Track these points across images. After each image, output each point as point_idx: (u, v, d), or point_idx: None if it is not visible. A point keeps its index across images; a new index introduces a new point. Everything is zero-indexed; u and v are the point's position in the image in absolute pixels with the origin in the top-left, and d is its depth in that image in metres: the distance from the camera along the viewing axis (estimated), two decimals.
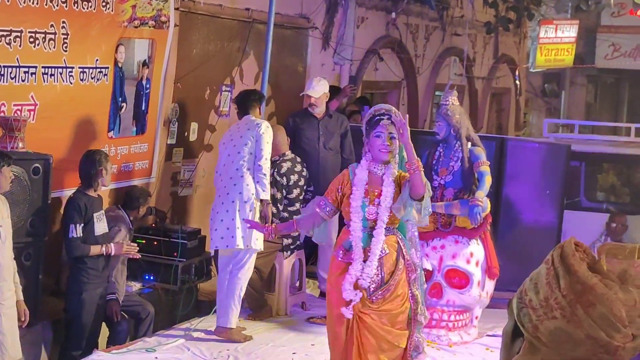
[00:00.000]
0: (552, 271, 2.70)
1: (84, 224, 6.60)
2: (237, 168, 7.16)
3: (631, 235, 10.50)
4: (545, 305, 2.70)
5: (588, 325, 2.64)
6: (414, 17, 13.52)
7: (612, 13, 19.64)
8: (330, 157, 8.36)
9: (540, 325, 2.69)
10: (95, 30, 7.19)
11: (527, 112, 20.50)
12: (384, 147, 5.37)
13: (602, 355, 2.67)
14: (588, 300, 2.65)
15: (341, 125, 8.48)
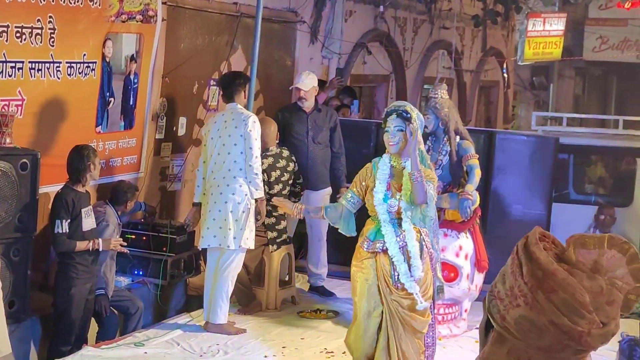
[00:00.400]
0: (516, 260, 2.72)
1: (71, 220, 6.58)
2: (229, 169, 7.13)
3: (619, 227, 10.54)
4: (510, 294, 2.71)
5: (550, 311, 2.65)
6: (402, 11, 13.53)
7: (600, 6, 19.69)
8: (319, 151, 8.35)
9: (507, 315, 2.71)
10: (82, 24, 7.16)
11: (515, 105, 20.53)
12: (391, 140, 5.70)
13: (567, 342, 2.67)
14: (549, 286, 2.66)
15: (330, 119, 8.47)
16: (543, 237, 2.77)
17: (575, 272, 2.70)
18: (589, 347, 2.68)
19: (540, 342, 2.69)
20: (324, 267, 8.56)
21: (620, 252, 2.84)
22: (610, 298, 2.70)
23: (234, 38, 9.30)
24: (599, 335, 2.67)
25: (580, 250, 2.84)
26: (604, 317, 2.68)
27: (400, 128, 5.68)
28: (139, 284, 7.82)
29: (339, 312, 7.90)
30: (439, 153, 7.42)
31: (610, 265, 2.84)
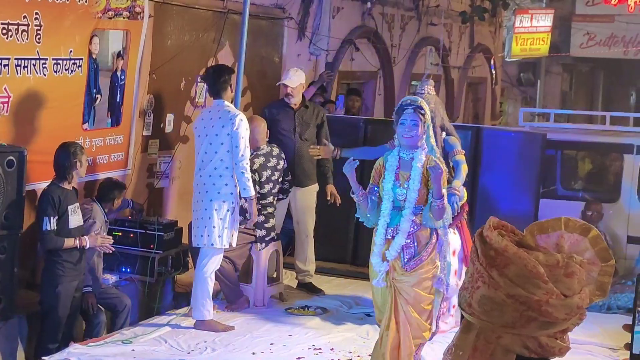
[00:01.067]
0: (473, 247, 2.77)
1: (58, 217, 6.56)
2: (215, 167, 7.12)
3: (607, 223, 10.57)
4: (471, 279, 2.76)
5: (505, 284, 2.69)
6: (389, 7, 13.53)
7: (587, 2, 19.74)
8: (306, 148, 8.34)
9: (472, 300, 2.75)
10: (68, 21, 7.14)
11: (503, 101, 20.57)
12: (407, 133, 5.87)
13: (528, 313, 2.70)
14: (501, 261, 2.71)
15: (317, 115, 8.47)
16: (501, 226, 2.81)
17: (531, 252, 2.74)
18: (552, 317, 2.69)
19: (503, 318, 2.72)
20: (312, 264, 8.56)
21: (581, 235, 2.88)
22: (569, 270, 2.74)
23: (221, 35, 9.29)
24: (561, 306, 2.70)
25: (540, 235, 2.88)
26: (564, 289, 2.71)
27: (416, 122, 5.87)
28: (127, 281, 7.80)
29: (327, 309, 7.90)
30: None
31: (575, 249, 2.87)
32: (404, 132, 5.90)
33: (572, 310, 2.69)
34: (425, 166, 5.86)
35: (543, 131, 10.25)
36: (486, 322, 2.70)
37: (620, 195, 10.83)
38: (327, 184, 8.42)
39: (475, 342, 2.75)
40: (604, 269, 2.89)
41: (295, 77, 8.29)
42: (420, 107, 5.95)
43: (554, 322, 2.69)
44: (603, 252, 2.89)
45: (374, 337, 7.22)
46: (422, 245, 5.93)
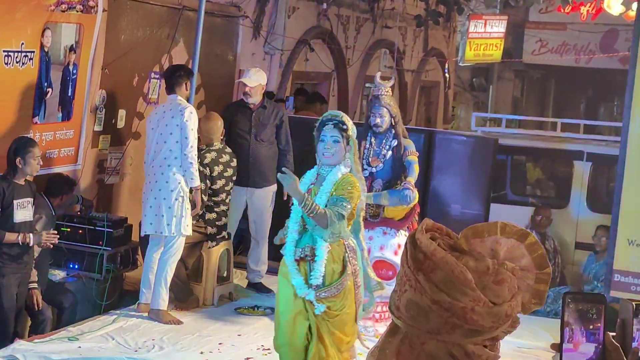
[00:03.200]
0: (404, 249, 2.75)
1: (1, 210, 6.44)
2: (164, 157, 7.29)
3: (555, 229, 10.68)
4: (400, 282, 2.75)
5: (430, 289, 2.68)
6: (345, 9, 13.54)
7: (540, 9, 19.90)
8: (261, 149, 8.30)
9: (399, 304, 2.74)
10: (20, 13, 7.03)
11: (455, 105, 20.70)
12: (327, 152, 5.47)
13: (452, 320, 2.68)
14: (428, 266, 2.70)
15: (276, 116, 8.40)
16: (435, 229, 2.80)
17: (461, 257, 2.73)
18: (478, 325, 2.67)
19: (428, 324, 2.71)
20: (263, 264, 8.54)
21: (518, 241, 2.87)
22: (498, 277, 2.73)
23: (176, 31, 9.22)
24: (487, 314, 2.67)
25: (475, 239, 2.86)
26: (493, 297, 2.69)
27: (337, 139, 5.46)
28: (74, 278, 7.71)
29: None
30: (382, 148, 7.43)
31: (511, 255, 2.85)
32: (324, 150, 5.49)
33: (500, 319, 2.66)
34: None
35: (495, 136, 10.34)
36: (412, 326, 2.68)
37: (570, 202, 10.95)
38: None
39: (399, 347, 2.72)
40: (540, 277, 2.87)
41: (254, 77, 8.26)
42: (342, 122, 5.50)
43: (480, 330, 2.66)
44: (540, 259, 2.87)
45: None
46: (331, 273, 5.32)
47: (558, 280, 10.46)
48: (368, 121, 7.53)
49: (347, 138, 5.48)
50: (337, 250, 5.35)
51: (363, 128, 7.61)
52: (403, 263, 2.76)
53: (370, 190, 7.37)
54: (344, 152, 5.47)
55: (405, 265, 2.74)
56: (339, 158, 5.47)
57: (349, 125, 5.51)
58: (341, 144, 5.46)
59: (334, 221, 5.20)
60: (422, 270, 2.69)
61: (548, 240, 10.59)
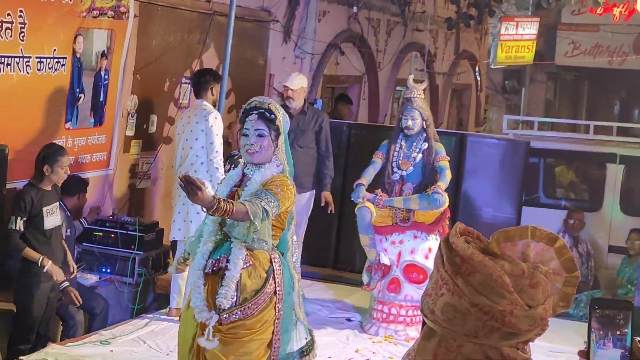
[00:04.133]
0: (439, 253, 2.75)
1: (29, 218, 6.41)
2: (191, 163, 7.38)
3: (588, 232, 10.59)
4: (436, 286, 2.74)
5: (469, 292, 2.68)
6: (375, 12, 13.54)
7: (573, 11, 19.80)
8: (300, 155, 8.29)
9: (435, 307, 2.74)
10: (53, 19, 7.10)
11: (487, 108, 20.62)
12: (250, 147, 4.58)
13: (491, 323, 2.69)
14: (467, 269, 2.69)
15: (316, 121, 8.38)
16: (467, 232, 2.79)
17: (496, 260, 2.73)
18: (515, 328, 2.68)
19: (465, 327, 2.71)
20: (296, 269, 8.53)
21: (548, 245, 2.88)
22: (534, 280, 2.73)
23: (207, 36, 9.26)
24: (524, 317, 2.68)
25: (506, 243, 2.87)
26: (528, 300, 2.70)
27: (262, 132, 4.56)
28: (106, 282, 7.76)
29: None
30: (412, 151, 7.41)
31: (540, 259, 2.87)
32: (247, 145, 4.57)
33: (536, 322, 2.68)
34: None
35: (527, 139, 10.28)
36: (448, 330, 2.69)
37: (603, 205, 10.85)
38: (323, 190, 8.36)
39: (436, 350, 2.74)
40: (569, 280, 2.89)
41: (296, 80, 8.28)
42: (269, 110, 4.59)
43: (517, 332, 2.68)
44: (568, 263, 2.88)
45: (354, 341, 7.23)
46: (250, 290, 4.46)
47: (591, 284, 10.37)
48: (399, 124, 7.52)
49: (275, 130, 4.60)
50: (261, 261, 4.51)
51: (394, 131, 7.61)
52: (439, 267, 2.76)
53: (400, 194, 7.36)
54: (272, 148, 4.61)
55: (441, 269, 2.74)
56: (267, 155, 4.60)
57: (278, 114, 4.61)
58: (268, 138, 4.56)
59: (257, 212, 4.25)
60: (460, 273, 2.69)
61: (581, 243, 10.50)
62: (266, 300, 4.47)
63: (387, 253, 7.40)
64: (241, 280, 4.42)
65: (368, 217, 7.31)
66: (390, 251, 7.40)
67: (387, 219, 7.40)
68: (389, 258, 7.40)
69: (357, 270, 8.49)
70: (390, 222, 7.39)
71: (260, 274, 4.49)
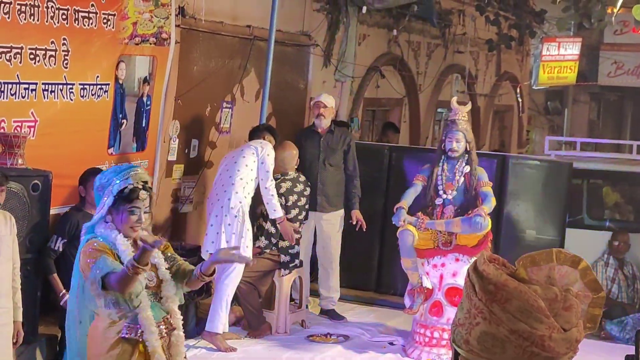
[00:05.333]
0: (469, 282, 2.73)
1: (68, 240, 6.51)
2: (230, 176, 7.44)
3: (634, 254, 10.46)
4: (469, 316, 2.72)
5: (507, 320, 2.65)
6: (415, 35, 13.54)
7: (615, 31, 19.65)
8: (329, 174, 8.36)
9: (470, 337, 2.71)
10: (95, 47, 7.19)
11: (530, 129, 20.49)
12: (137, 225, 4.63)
13: (531, 349, 2.66)
14: (502, 296, 2.67)
15: (344, 141, 8.48)
16: (492, 259, 2.78)
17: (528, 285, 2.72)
18: (554, 353, 2.66)
19: (504, 355, 2.69)
20: (335, 292, 8.53)
21: (571, 267, 2.87)
22: (567, 304, 2.71)
23: (247, 61, 9.32)
24: (562, 340, 2.67)
25: (532, 268, 2.86)
26: (563, 323, 2.69)
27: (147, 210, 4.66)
28: None
29: (349, 337, 7.85)
30: (455, 174, 7.37)
31: (565, 281, 2.86)
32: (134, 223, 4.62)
33: (572, 344, 2.67)
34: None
35: (569, 160, 10.20)
36: (486, 359, 2.67)
37: None
38: (352, 209, 8.41)
39: None
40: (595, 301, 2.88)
41: (329, 99, 8.41)
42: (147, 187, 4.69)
43: (555, 357, 2.66)
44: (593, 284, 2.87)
45: None
46: None
47: (638, 306, 10.23)
48: (442, 146, 7.50)
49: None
50: None
51: (437, 153, 7.59)
52: (471, 296, 2.73)
53: (442, 217, 7.33)
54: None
55: (474, 298, 2.72)
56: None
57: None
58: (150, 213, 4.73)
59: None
60: (495, 301, 2.67)
61: (627, 265, 10.37)
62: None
63: (429, 276, 7.37)
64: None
65: (410, 240, 7.29)
66: (432, 274, 7.37)
67: (429, 242, 7.38)
68: (431, 281, 7.36)
69: (399, 294, 8.46)
70: (432, 245, 7.36)
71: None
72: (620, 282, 10.25)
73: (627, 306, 10.10)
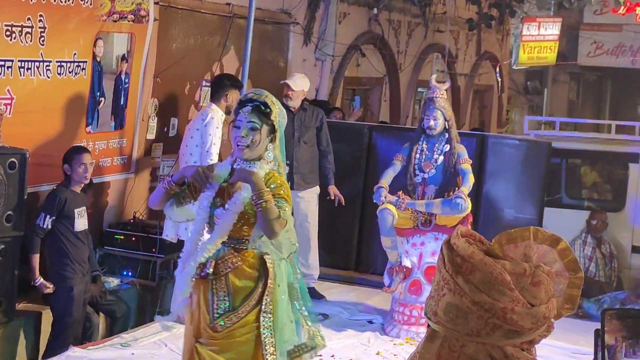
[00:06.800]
0: (440, 255, 2.75)
1: (58, 218, 6.55)
2: (186, 161, 7.32)
3: (611, 232, 10.52)
4: (437, 287, 2.74)
5: (470, 290, 2.68)
6: (396, 13, 13.51)
7: (595, 11, 19.70)
8: (305, 151, 8.35)
9: (437, 309, 2.74)
10: (73, 24, 7.12)
11: (510, 109, 20.53)
12: (241, 140, 4.34)
13: (492, 321, 2.68)
14: (467, 268, 2.70)
15: (317, 118, 8.47)
16: (469, 235, 2.79)
17: (499, 260, 2.73)
18: (517, 326, 2.67)
19: (467, 326, 2.71)
20: (315, 269, 8.52)
21: (550, 246, 2.87)
22: (535, 279, 2.73)
23: (227, 39, 9.27)
24: (526, 314, 2.68)
25: (508, 245, 2.87)
26: (530, 298, 2.70)
27: (254, 126, 4.32)
28: (128, 285, 7.78)
29: (328, 315, 7.85)
30: (434, 153, 7.36)
31: (543, 260, 2.86)
32: (238, 138, 4.34)
33: (539, 320, 2.67)
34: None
35: (548, 139, 10.21)
36: (451, 330, 2.68)
37: (625, 205, 10.78)
38: (328, 184, 8.40)
39: (439, 351, 2.73)
40: (573, 281, 2.88)
41: (299, 82, 8.31)
42: (265, 104, 4.35)
43: (519, 331, 2.67)
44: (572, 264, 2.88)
45: (375, 344, 7.20)
46: (241, 295, 4.35)
47: (615, 285, 10.30)
48: (421, 124, 7.47)
49: (269, 125, 4.37)
50: (249, 261, 4.41)
51: (416, 132, 7.57)
52: (440, 268, 2.76)
53: (423, 197, 7.33)
54: (265, 144, 4.38)
55: (442, 269, 2.74)
56: (258, 151, 4.37)
57: (274, 109, 4.39)
58: (260, 132, 4.33)
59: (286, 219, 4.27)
60: (460, 272, 2.70)
61: (604, 244, 10.43)
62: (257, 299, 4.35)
63: (409, 255, 7.37)
64: (230, 283, 4.34)
65: (390, 219, 7.28)
66: (412, 253, 7.38)
67: (409, 221, 7.37)
68: (410, 260, 7.37)
69: (379, 273, 8.46)
70: (412, 225, 7.36)
71: (250, 274, 4.37)
72: (598, 260, 10.32)
73: (605, 284, 10.17)
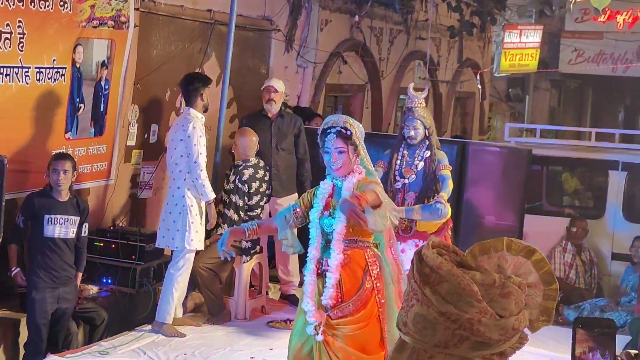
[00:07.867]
0: (411, 265, 2.73)
1: (27, 220, 6.66)
2: (172, 171, 7.40)
3: (591, 239, 10.56)
4: (407, 298, 2.73)
5: (437, 301, 2.66)
6: (378, 21, 13.52)
7: (576, 19, 19.79)
8: (283, 158, 8.36)
9: (407, 319, 2.72)
10: (52, 29, 7.09)
11: (491, 116, 20.57)
12: (334, 164, 5.05)
13: (460, 332, 2.66)
14: (435, 279, 2.68)
15: (294, 125, 8.49)
16: (442, 246, 2.78)
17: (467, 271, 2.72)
18: (485, 337, 2.65)
19: (435, 337, 2.69)
20: (295, 276, 8.51)
21: (525, 257, 2.85)
22: (505, 290, 2.71)
23: (208, 45, 9.25)
24: (494, 326, 2.66)
25: (482, 256, 2.85)
26: (500, 310, 2.68)
27: (341, 150, 5.02)
28: (107, 292, 7.74)
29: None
30: (414, 159, 7.36)
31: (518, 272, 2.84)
32: (330, 163, 5.06)
33: (507, 332, 2.65)
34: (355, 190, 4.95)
35: (529, 146, 10.25)
36: (420, 341, 2.67)
37: (605, 212, 10.82)
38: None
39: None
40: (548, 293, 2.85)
41: (279, 84, 8.38)
42: (345, 128, 5.04)
43: (487, 342, 2.64)
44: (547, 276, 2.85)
45: None
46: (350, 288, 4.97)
47: (595, 292, 10.33)
48: (402, 133, 7.48)
49: (353, 145, 5.05)
50: (357, 260, 5.00)
51: (397, 140, 7.58)
52: (409, 279, 2.75)
53: (403, 203, 7.33)
54: (353, 159, 5.06)
55: (412, 280, 2.73)
56: (349, 167, 5.05)
57: (354, 130, 5.07)
58: (348, 153, 5.02)
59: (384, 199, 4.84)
60: (428, 283, 2.68)
61: (584, 251, 10.47)
62: (367, 296, 4.93)
63: None
64: (341, 280, 4.93)
65: None
66: None
67: None
68: None
69: None
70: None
71: (357, 273, 4.96)
72: (578, 267, 10.35)
73: (585, 291, 10.20)
